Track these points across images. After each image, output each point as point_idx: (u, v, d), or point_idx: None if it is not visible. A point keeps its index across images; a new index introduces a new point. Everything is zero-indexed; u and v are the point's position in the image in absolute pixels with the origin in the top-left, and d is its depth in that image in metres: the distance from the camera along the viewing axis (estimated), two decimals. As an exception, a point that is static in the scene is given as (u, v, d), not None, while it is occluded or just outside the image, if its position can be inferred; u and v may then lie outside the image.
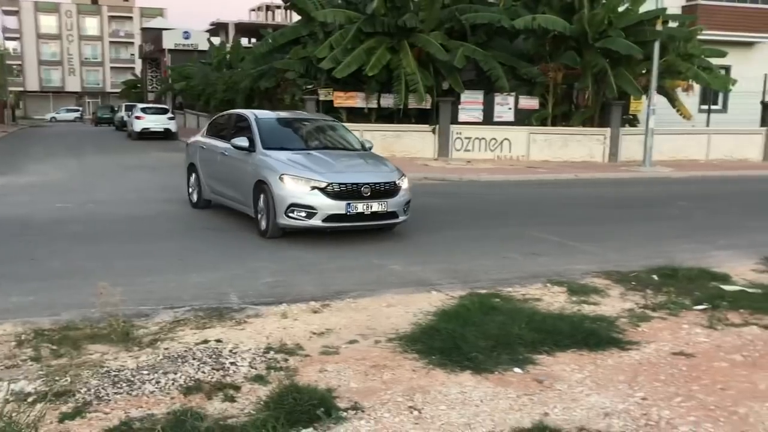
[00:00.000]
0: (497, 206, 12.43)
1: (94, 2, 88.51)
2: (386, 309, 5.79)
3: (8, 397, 3.71)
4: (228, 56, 36.27)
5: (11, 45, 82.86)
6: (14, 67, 75.80)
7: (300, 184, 8.19)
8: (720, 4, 26.04)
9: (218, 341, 4.85)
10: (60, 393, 3.88)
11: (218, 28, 52.64)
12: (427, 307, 5.74)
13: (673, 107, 21.92)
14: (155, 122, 31.08)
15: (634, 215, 11.64)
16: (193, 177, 10.98)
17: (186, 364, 4.37)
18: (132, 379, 4.12)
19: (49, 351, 4.56)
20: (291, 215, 8.17)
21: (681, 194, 14.25)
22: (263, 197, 8.53)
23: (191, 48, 45.74)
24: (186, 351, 4.61)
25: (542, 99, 21.38)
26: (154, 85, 52.78)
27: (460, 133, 20.85)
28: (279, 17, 75.32)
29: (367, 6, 19.72)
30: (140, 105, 35.56)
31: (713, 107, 24.72)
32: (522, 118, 21.31)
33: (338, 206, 8.12)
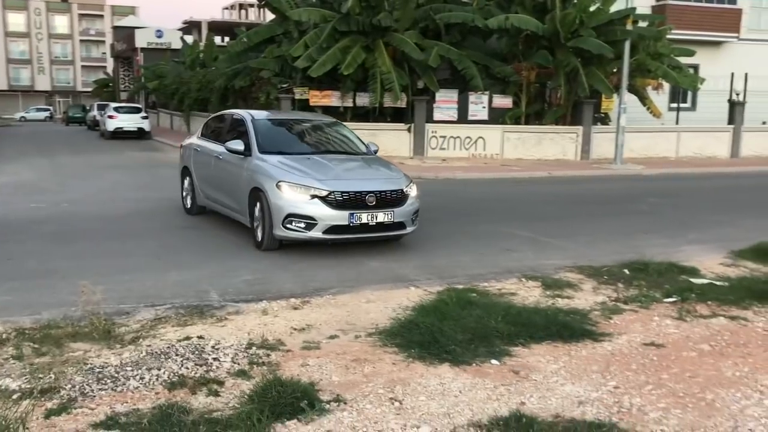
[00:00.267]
0: (473, 204, 12.58)
1: (64, 0, 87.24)
2: (365, 305, 5.89)
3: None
4: (201, 55, 35.97)
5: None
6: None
7: (299, 193, 7.55)
8: (688, 4, 26.53)
9: (200, 338, 4.91)
10: (45, 390, 3.92)
11: (191, 27, 52.35)
12: (406, 303, 5.85)
13: (644, 105, 22.26)
14: (128, 122, 30.83)
15: (606, 211, 11.86)
16: (187, 181, 10.36)
17: (169, 360, 4.43)
18: (116, 376, 4.17)
19: (31, 349, 4.59)
20: (289, 226, 7.54)
21: (651, 191, 14.52)
22: (259, 206, 7.93)
23: (164, 47, 45.28)
24: (168, 347, 4.66)
25: (516, 98, 21.59)
26: (127, 84, 52.13)
27: (436, 132, 20.98)
28: (252, 15, 74.94)
29: (342, 5, 19.76)
30: (113, 104, 35.19)
31: (682, 105, 25.16)
32: (496, 117, 21.49)
33: (340, 217, 7.48)
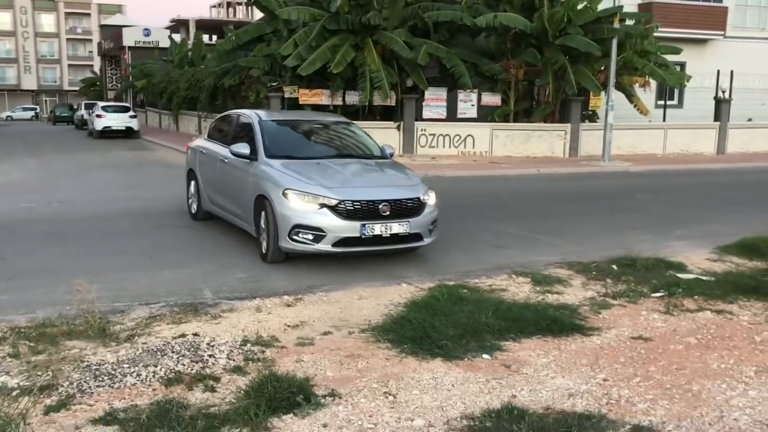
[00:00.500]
0: (462, 201, 12.65)
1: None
2: (358, 301, 5.96)
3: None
4: (190, 54, 35.86)
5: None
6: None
7: (306, 202, 6.98)
8: (674, 2, 26.69)
9: (195, 335, 4.96)
10: (43, 387, 3.96)
11: (179, 25, 51.99)
12: (398, 299, 5.92)
13: (631, 103, 22.43)
14: (117, 121, 30.67)
15: (594, 208, 11.98)
16: (193, 185, 9.79)
17: (165, 357, 4.48)
18: (113, 373, 4.22)
19: (28, 348, 4.62)
20: (296, 238, 6.96)
21: (639, 187, 14.66)
22: (264, 215, 7.34)
23: (152, 45, 45.09)
24: (164, 345, 4.71)
25: (504, 96, 21.70)
26: (115, 83, 51.94)
27: (425, 130, 21.07)
28: (240, 14, 74.77)
29: (331, 4, 19.79)
30: (101, 103, 34.98)
31: (669, 103, 25.35)
32: (485, 115, 21.59)
33: (351, 228, 6.89)
